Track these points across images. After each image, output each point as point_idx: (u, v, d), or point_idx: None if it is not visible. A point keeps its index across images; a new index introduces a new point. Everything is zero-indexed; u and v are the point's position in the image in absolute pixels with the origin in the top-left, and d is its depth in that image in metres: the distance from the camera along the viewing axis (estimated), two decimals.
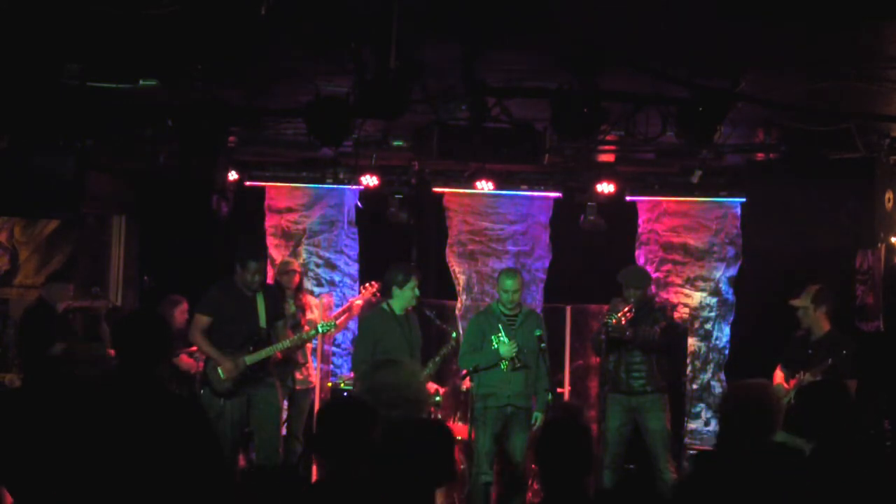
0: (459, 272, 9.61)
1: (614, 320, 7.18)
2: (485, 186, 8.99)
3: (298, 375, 8.20)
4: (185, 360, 8.10)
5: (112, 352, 8.54)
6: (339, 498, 3.52)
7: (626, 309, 7.30)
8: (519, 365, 7.08)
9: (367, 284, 8.44)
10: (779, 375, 7.16)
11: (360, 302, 8.45)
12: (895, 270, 8.08)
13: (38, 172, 6.62)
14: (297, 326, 7.98)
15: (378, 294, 8.19)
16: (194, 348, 7.72)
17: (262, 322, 7.12)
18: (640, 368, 7.42)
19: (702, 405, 9.16)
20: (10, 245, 9.11)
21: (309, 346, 8.50)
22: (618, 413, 7.46)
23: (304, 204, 9.76)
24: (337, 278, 9.75)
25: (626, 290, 7.45)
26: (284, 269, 8.34)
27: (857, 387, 6.49)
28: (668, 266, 9.31)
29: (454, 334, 7.73)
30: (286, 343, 7.27)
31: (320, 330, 7.69)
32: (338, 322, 8.29)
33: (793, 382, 6.92)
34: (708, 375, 9.18)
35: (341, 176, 9.24)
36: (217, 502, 3.87)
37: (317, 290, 9.58)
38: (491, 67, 5.28)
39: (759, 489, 3.84)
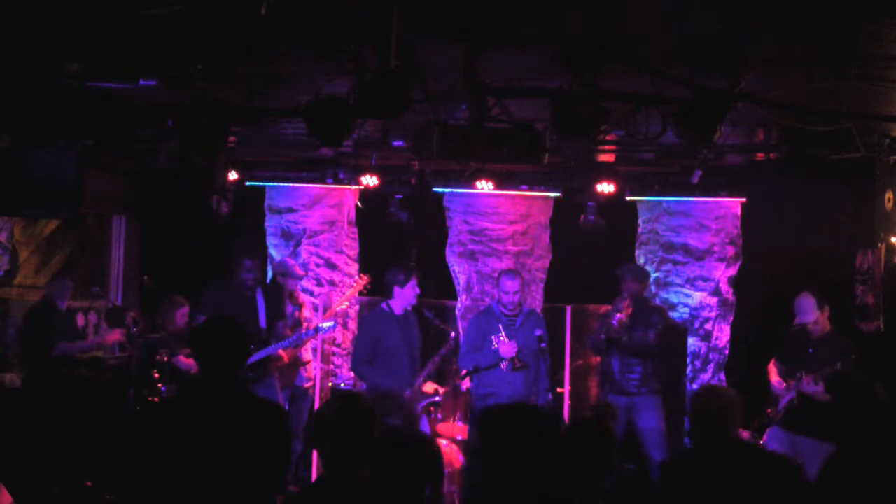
0: (459, 272, 9.61)
1: (619, 312, 7.26)
2: (485, 186, 8.99)
3: (305, 373, 8.23)
4: (184, 361, 8.09)
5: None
6: (340, 496, 3.52)
7: (625, 304, 7.34)
8: (519, 365, 7.09)
9: (359, 277, 8.48)
10: (773, 369, 7.18)
11: (348, 298, 8.50)
12: (895, 270, 8.08)
13: (38, 172, 6.63)
14: (296, 324, 8.00)
15: (369, 286, 8.24)
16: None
17: (262, 322, 7.13)
18: (636, 370, 7.46)
19: None
20: (10, 245, 9.10)
21: (309, 344, 8.53)
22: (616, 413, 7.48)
23: (304, 204, 9.77)
24: (337, 278, 9.75)
25: (623, 283, 7.48)
26: (286, 271, 8.33)
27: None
28: (668, 266, 9.32)
29: (453, 334, 7.76)
30: (283, 343, 7.29)
31: (323, 327, 7.72)
32: (338, 309, 8.37)
33: (791, 382, 6.93)
34: (708, 375, 9.18)
35: (341, 176, 9.25)
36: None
37: (317, 289, 9.59)
38: (491, 67, 5.28)
39: (723, 482, 3.95)
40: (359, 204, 9.68)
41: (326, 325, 7.78)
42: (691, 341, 9.17)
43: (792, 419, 6.89)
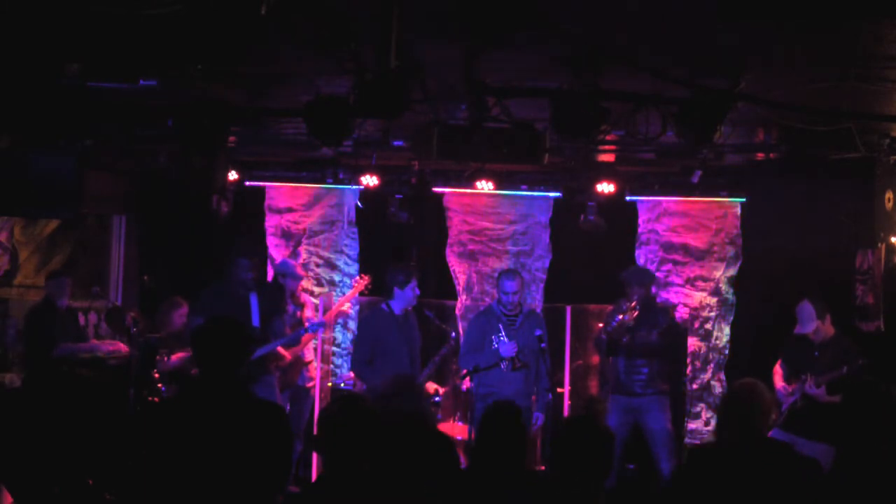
0: (459, 272, 9.61)
1: (621, 315, 7.26)
2: (485, 186, 8.99)
3: (307, 373, 8.24)
4: (171, 361, 8.07)
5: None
6: (340, 496, 3.52)
7: (632, 306, 7.33)
8: (519, 365, 7.09)
9: (359, 277, 8.49)
10: (779, 372, 7.16)
11: (349, 298, 8.51)
12: (895, 270, 8.08)
13: (38, 172, 6.63)
14: (297, 324, 8.00)
15: (370, 287, 8.24)
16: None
17: (256, 321, 7.14)
18: (641, 371, 7.45)
19: (702, 405, 9.16)
20: (10, 245, 9.10)
21: (310, 344, 8.54)
22: (617, 413, 7.48)
23: (304, 204, 9.78)
24: (337, 278, 9.75)
25: (630, 287, 7.48)
26: (287, 272, 8.33)
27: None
28: (668, 266, 9.31)
29: (453, 334, 7.76)
30: (281, 341, 7.31)
31: (309, 330, 7.75)
32: (338, 309, 8.39)
33: (795, 385, 6.92)
34: (708, 375, 9.17)
35: (341, 176, 9.25)
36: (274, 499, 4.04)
37: (317, 290, 9.60)
38: (491, 67, 5.28)
39: (750, 481, 3.90)
40: (359, 204, 9.68)
41: (316, 325, 7.82)
42: (691, 341, 9.17)
43: (793, 421, 6.89)
